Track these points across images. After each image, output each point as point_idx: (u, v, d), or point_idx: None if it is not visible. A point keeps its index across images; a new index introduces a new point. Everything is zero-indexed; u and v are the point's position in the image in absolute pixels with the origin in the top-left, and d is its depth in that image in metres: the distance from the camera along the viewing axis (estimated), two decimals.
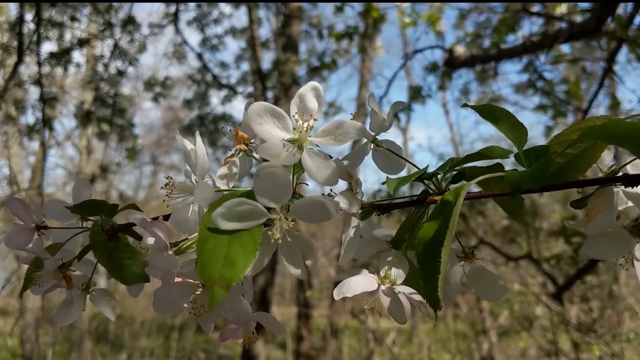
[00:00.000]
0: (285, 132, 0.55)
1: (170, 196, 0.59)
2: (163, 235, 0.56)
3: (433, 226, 0.55)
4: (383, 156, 0.69)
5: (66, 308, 0.69)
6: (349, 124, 0.55)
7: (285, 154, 0.53)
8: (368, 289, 0.58)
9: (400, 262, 0.63)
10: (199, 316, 0.57)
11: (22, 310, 5.90)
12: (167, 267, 0.56)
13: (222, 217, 0.50)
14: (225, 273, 0.49)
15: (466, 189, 0.55)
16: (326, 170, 0.53)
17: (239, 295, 0.56)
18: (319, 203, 0.52)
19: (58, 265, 0.65)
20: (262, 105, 0.54)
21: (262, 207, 0.52)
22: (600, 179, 0.63)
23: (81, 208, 0.68)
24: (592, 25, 3.24)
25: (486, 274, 0.64)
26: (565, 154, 0.64)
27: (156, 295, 0.56)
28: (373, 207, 0.63)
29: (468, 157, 0.67)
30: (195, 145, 0.57)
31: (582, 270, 4.26)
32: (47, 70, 4.12)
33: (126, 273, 0.65)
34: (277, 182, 0.51)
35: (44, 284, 0.66)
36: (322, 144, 0.56)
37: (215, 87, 5.44)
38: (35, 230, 0.69)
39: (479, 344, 7.20)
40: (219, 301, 0.48)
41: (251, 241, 0.51)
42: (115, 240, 0.67)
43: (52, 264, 0.64)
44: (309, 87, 0.56)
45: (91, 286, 0.70)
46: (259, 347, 4.97)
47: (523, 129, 0.66)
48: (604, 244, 0.61)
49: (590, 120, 0.60)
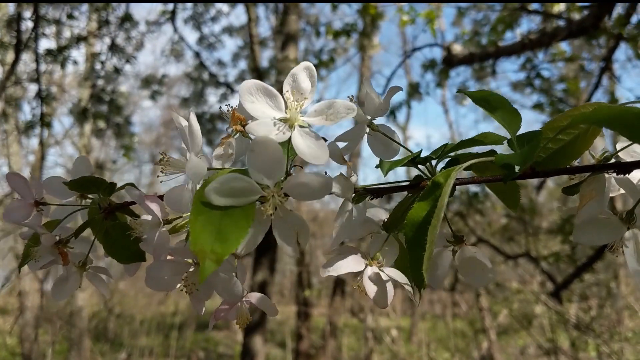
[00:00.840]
0: (276, 111, 0.55)
1: (164, 172, 0.60)
2: (157, 211, 0.56)
3: (423, 206, 0.55)
4: (378, 140, 0.69)
5: (61, 284, 0.70)
6: (340, 103, 0.55)
7: (275, 132, 0.53)
8: (354, 270, 0.58)
9: (390, 245, 0.63)
10: (190, 294, 0.57)
11: (21, 308, 5.89)
12: (159, 243, 0.56)
13: (215, 192, 0.50)
14: (217, 248, 0.49)
15: (457, 171, 0.56)
16: (316, 149, 0.53)
17: (230, 274, 0.57)
18: (312, 179, 0.52)
19: (55, 242, 0.66)
20: (254, 83, 0.54)
21: (256, 183, 0.52)
22: (592, 166, 0.63)
23: (79, 184, 0.68)
24: (591, 23, 3.25)
25: (475, 261, 0.64)
26: (557, 139, 0.64)
27: (148, 272, 0.56)
28: (367, 191, 0.63)
29: (462, 142, 0.67)
30: (189, 122, 0.57)
31: (581, 268, 4.26)
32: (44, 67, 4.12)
33: (122, 251, 0.66)
34: (271, 157, 0.51)
35: (40, 260, 0.67)
36: (314, 123, 0.56)
37: (213, 85, 5.45)
38: (34, 206, 0.70)
39: (478, 342, 7.21)
40: (210, 278, 0.48)
41: (244, 217, 0.51)
42: (112, 218, 0.68)
43: (49, 239, 0.64)
44: (302, 67, 0.57)
45: (88, 263, 0.70)
46: (258, 346, 4.96)
47: (517, 115, 0.66)
48: (594, 230, 0.62)
49: (582, 107, 0.61)
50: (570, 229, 4.39)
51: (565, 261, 4.60)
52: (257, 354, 4.94)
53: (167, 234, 0.57)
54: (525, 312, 6.69)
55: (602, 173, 0.63)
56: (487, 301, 6.78)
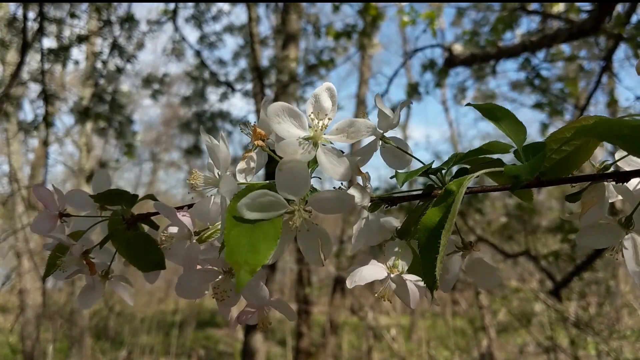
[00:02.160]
0: (301, 130, 0.59)
1: (195, 188, 0.63)
2: (188, 224, 0.60)
3: (436, 212, 0.59)
4: (391, 153, 0.73)
5: (88, 293, 0.73)
6: (361, 122, 0.59)
7: (301, 151, 0.57)
8: (378, 278, 0.62)
9: (405, 251, 0.67)
10: (221, 301, 0.61)
11: (22, 307, 5.91)
12: (189, 254, 0.59)
13: (246, 207, 0.54)
14: (250, 259, 0.53)
15: (469, 180, 0.60)
16: (339, 166, 0.58)
17: (259, 281, 0.61)
18: (334, 196, 0.56)
19: (82, 252, 0.69)
20: (280, 105, 0.58)
21: (283, 199, 0.56)
22: (593, 175, 0.67)
23: (104, 197, 0.72)
24: (591, 26, 3.27)
25: (483, 264, 0.69)
26: (560, 150, 0.68)
27: (180, 281, 0.60)
28: (382, 199, 0.67)
29: (470, 152, 0.71)
30: (219, 142, 0.60)
31: (580, 266, 4.29)
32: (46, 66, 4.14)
33: (144, 260, 0.69)
34: (297, 176, 0.56)
35: (67, 270, 0.70)
36: (336, 141, 0.60)
37: (213, 84, 5.46)
38: (58, 218, 0.73)
39: (478, 340, 7.23)
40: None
41: (273, 230, 0.55)
42: (134, 229, 0.71)
43: (78, 250, 0.68)
44: (324, 88, 0.60)
45: (110, 273, 0.73)
46: (259, 343, 4.99)
47: (522, 127, 0.70)
48: (596, 235, 0.67)
49: (584, 119, 0.65)
50: (569, 227, 4.43)
51: (565, 260, 4.63)
52: (257, 351, 4.96)
53: (197, 246, 0.60)
54: (524, 311, 6.72)
55: (601, 182, 0.67)
56: (486, 299, 6.82)
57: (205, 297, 0.64)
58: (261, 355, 5.02)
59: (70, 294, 7.12)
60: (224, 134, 0.61)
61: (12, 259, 6.15)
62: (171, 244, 0.64)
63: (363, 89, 8.54)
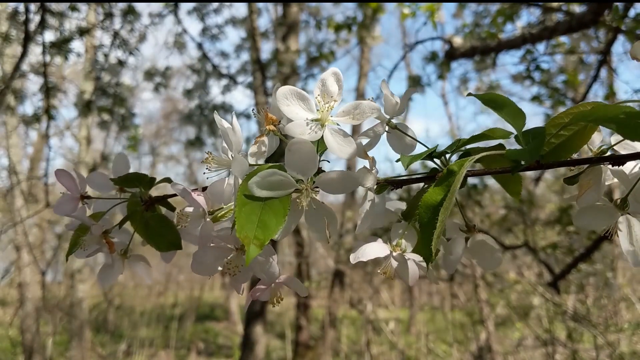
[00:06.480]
0: (309, 112, 0.62)
1: (209, 169, 0.66)
2: (202, 204, 0.63)
3: (437, 191, 0.61)
4: (396, 137, 0.76)
5: (107, 270, 0.76)
6: (366, 104, 0.62)
7: (309, 132, 0.59)
8: (380, 255, 0.65)
9: (409, 232, 0.70)
10: (233, 276, 0.64)
11: (22, 300, 5.93)
12: (204, 232, 0.62)
13: (257, 185, 0.57)
14: (259, 234, 0.56)
15: (470, 161, 0.62)
16: (346, 146, 0.60)
17: (269, 258, 0.63)
18: (340, 176, 0.59)
19: (102, 231, 0.72)
20: (289, 88, 0.61)
21: (292, 178, 0.59)
22: (590, 159, 0.70)
23: (124, 180, 0.76)
24: (590, 18, 3.29)
25: (486, 245, 0.73)
26: (559, 135, 0.70)
27: (195, 258, 0.63)
28: (387, 182, 0.70)
29: (473, 137, 0.74)
30: (232, 125, 0.63)
31: (578, 258, 4.31)
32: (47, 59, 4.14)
33: (162, 241, 0.72)
34: (305, 156, 0.59)
35: (88, 248, 0.73)
36: (342, 122, 0.62)
37: (215, 76, 5.47)
38: (79, 200, 0.76)
39: (477, 333, 7.27)
40: (252, 260, 0.55)
41: (281, 207, 0.58)
42: (152, 210, 0.74)
43: (98, 229, 0.71)
44: (330, 72, 0.63)
45: (128, 252, 0.76)
46: (259, 335, 5.02)
47: (522, 114, 0.72)
48: (592, 216, 0.69)
49: (582, 105, 0.67)
50: (567, 220, 4.46)
51: (563, 252, 4.66)
52: (257, 344, 5.00)
53: (211, 224, 0.64)
54: (522, 304, 6.76)
55: (598, 165, 0.70)
56: (485, 293, 6.85)
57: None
58: (261, 347, 5.06)
59: (70, 287, 7.14)
60: (235, 116, 0.63)
61: (12, 252, 6.18)
62: (187, 222, 0.67)
63: (362, 82, 8.56)
